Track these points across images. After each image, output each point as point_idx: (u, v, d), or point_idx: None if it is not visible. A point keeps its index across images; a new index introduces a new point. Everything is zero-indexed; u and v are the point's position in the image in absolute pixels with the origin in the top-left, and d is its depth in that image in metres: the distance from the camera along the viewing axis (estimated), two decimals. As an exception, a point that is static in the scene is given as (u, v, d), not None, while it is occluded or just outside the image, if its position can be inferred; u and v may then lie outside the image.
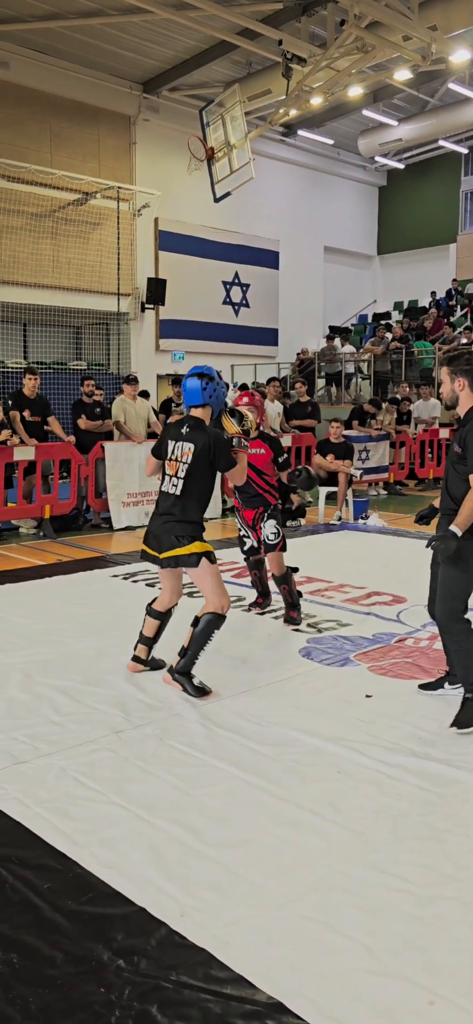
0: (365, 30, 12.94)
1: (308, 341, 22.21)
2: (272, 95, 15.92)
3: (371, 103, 19.19)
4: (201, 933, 2.62)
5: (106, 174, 17.62)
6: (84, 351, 18.43)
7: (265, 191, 20.65)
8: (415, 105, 20.23)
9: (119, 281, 18.02)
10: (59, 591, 7.30)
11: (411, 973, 2.44)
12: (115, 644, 5.72)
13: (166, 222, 19.07)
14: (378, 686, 4.90)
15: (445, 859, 3.05)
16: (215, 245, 20.23)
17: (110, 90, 17.58)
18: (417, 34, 13.05)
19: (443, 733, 4.19)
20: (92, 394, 11.49)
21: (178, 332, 19.57)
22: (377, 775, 3.73)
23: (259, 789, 3.60)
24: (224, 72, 17.21)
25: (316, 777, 3.72)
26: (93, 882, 2.91)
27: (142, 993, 2.36)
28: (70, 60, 16.54)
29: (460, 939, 2.60)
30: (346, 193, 24.10)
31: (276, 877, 2.94)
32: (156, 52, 16.63)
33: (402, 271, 24.83)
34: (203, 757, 3.92)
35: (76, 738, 4.12)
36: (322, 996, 2.35)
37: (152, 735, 4.17)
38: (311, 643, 5.75)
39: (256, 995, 2.36)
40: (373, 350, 19.43)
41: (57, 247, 16.96)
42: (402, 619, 6.38)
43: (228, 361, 20.62)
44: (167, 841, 3.18)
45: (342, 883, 2.90)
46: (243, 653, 5.56)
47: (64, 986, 2.40)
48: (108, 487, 10.77)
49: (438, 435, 15.53)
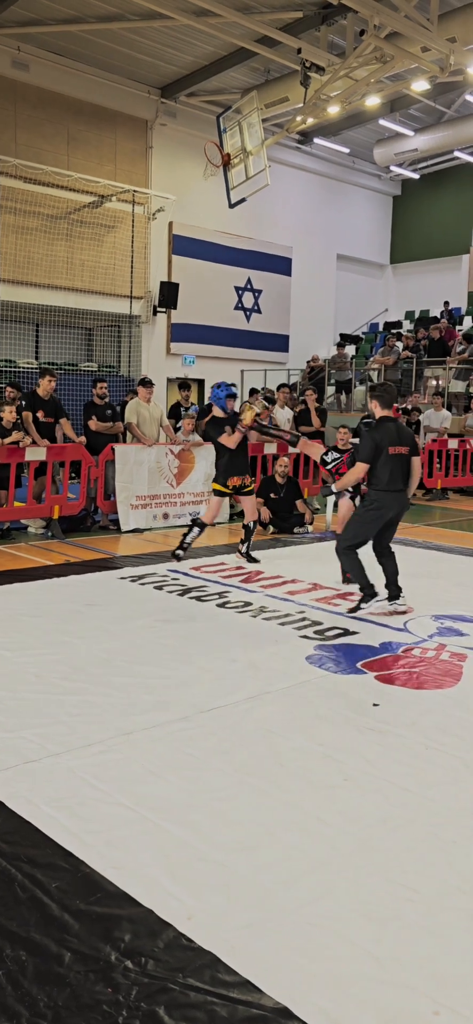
0: (384, 40, 12.97)
1: (319, 348, 22.25)
2: (289, 103, 15.99)
3: (388, 113, 19.23)
4: (208, 936, 2.64)
5: (122, 177, 17.71)
6: (95, 353, 18.51)
7: (280, 198, 20.71)
8: (431, 116, 20.26)
9: (132, 284, 18.10)
10: (68, 591, 7.33)
11: (417, 983, 2.45)
12: (123, 646, 5.74)
13: (180, 226, 19.15)
14: (385, 695, 4.91)
15: (452, 870, 3.06)
16: (228, 250, 20.30)
17: (128, 94, 17.68)
18: (436, 45, 13.08)
19: (451, 743, 4.20)
20: (104, 396, 11.53)
21: (189, 336, 19.63)
22: (384, 783, 3.74)
23: (266, 795, 3.62)
24: (242, 79, 17.28)
25: (323, 784, 3.73)
26: (101, 882, 2.93)
27: (149, 994, 2.38)
28: (89, 63, 16.65)
29: (466, 950, 2.61)
30: (360, 202, 24.15)
31: (283, 883, 2.95)
32: (175, 57, 16.72)
33: (414, 281, 24.84)
34: (211, 761, 3.94)
35: (85, 739, 4.15)
36: (328, 1002, 2.36)
37: (161, 737, 4.19)
38: (318, 651, 5.76)
39: (262, 999, 2.37)
40: (384, 361, 19.44)
41: (71, 249, 17.05)
42: (409, 628, 6.39)
43: (238, 366, 20.67)
44: (175, 843, 3.20)
45: (349, 890, 2.92)
46: (251, 659, 5.57)
47: (72, 985, 2.42)
48: (117, 489, 10.80)
49: (447, 445, 15.52)
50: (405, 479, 6.61)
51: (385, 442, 6.47)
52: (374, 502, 6.60)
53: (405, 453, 6.54)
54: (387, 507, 6.56)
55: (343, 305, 24.08)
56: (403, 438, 6.60)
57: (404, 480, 6.61)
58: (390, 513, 6.59)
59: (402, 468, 6.55)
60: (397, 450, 6.49)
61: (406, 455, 6.56)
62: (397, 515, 6.69)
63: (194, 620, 6.52)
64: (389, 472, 6.48)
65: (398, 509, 6.64)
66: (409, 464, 6.61)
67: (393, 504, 6.57)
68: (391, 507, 6.57)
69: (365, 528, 6.69)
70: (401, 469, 6.54)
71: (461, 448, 15.79)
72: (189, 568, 8.36)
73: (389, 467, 6.48)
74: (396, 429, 6.62)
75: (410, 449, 6.60)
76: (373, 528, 6.67)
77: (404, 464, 6.56)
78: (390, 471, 6.48)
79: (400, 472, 6.54)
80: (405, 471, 6.58)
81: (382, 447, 6.46)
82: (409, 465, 6.61)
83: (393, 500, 6.56)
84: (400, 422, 6.88)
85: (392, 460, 6.48)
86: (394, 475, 6.50)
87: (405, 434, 6.71)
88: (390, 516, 6.62)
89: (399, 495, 6.59)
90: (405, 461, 6.56)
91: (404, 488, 6.63)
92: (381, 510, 6.57)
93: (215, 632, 6.19)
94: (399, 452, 6.50)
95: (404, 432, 6.74)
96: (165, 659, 5.48)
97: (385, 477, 6.49)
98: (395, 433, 6.55)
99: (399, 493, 6.58)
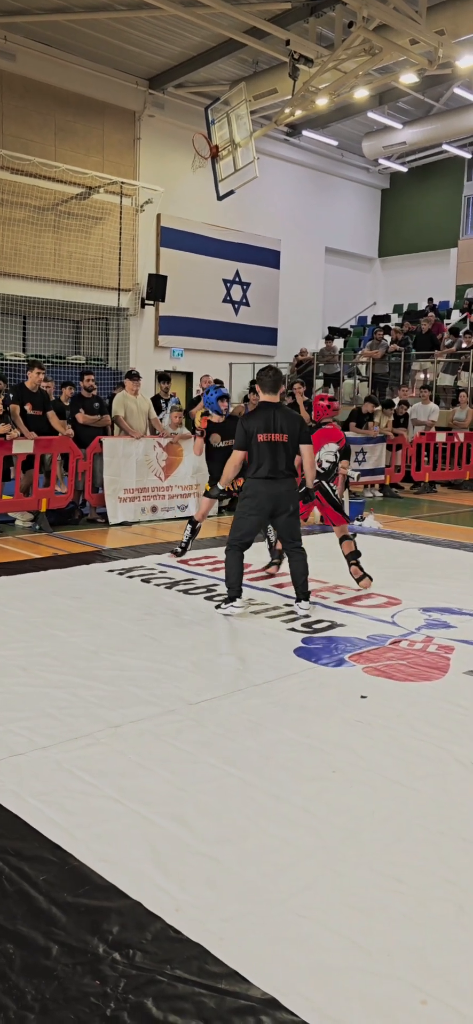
0: (373, 32, 12.95)
1: (307, 341, 22.24)
2: (278, 95, 15.94)
3: (376, 105, 19.22)
4: (196, 928, 2.64)
5: (110, 169, 17.63)
6: (83, 345, 18.44)
7: (268, 190, 20.67)
8: (420, 109, 20.26)
9: (120, 276, 18.03)
10: (56, 585, 7.31)
11: (404, 973, 2.46)
12: (111, 639, 5.73)
13: (168, 218, 19.09)
14: (373, 687, 4.93)
15: (439, 861, 3.07)
16: (217, 243, 20.25)
17: (116, 85, 17.59)
18: (424, 38, 13.07)
19: (438, 736, 4.21)
20: (91, 389, 11.50)
21: (177, 329, 19.58)
22: (372, 775, 3.75)
23: (254, 787, 3.62)
24: (230, 70, 17.23)
25: (311, 776, 3.74)
26: (89, 875, 2.93)
27: (137, 986, 2.38)
28: (76, 54, 16.55)
29: (453, 940, 2.62)
30: (349, 194, 24.14)
31: (271, 874, 2.96)
32: (163, 48, 16.64)
33: (403, 274, 24.86)
34: (198, 754, 3.94)
35: (72, 732, 4.14)
36: (315, 993, 2.37)
37: (148, 731, 4.18)
38: (306, 643, 5.77)
39: (250, 990, 2.38)
40: (372, 354, 19.46)
41: (59, 240, 16.97)
42: (397, 621, 6.41)
43: (227, 359, 20.65)
44: (162, 836, 3.20)
45: (336, 882, 2.93)
46: (238, 652, 5.57)
47: (60, 977, 2.42)
48: (105, 482, 10.78)
49: (435, 438, 15.56)
50: (287, 467, 6.32)
51: (254, 429, 6.24)
52: (247, 491, 6.41)
53: (281, 440, 6.25)
54: (259, 496, 6.29)
55: (331, 298, 24.08)
56: (279, 425, 6.26)
57: (287, 468, 6.31)
58: (267, 503, 6.31)
59: (278, 456, 6.25)
60: (270, 437, 6.22)
61: (284, 443, 6.26)
62: (278, 505, 6.33)
63: (182, 613, 6.52)
64: (260, 460, 6.25)
65: (275, 499, 6.29)
66: (293, 451, 6.34)
67: (265, 493, 6.28)
68: (264, 496, 6.29)
69: (243, 521, 6.43)
70: (276, 457, 6.24)
71: (449, 441, 15.84)
72: (176, 561, 8.35)
73: (260, 455, 6.25)
74: (273, 416, 6.28)
75: (290, 436, 6.28)
76: (251, 520, 6.40)
77: (282, 451, 6.26)
78: (260, 459, 6.25)
79: (273, 460, 6.23)
80: (287, 459, 6.30)
81: (251, 434, 6.25)
82: (293, 452, 6.35)
83: (265, 489, 6.27)
84: (286, 408, 6.46)
85: (263, 447, 6.22)
86: (265, 463, 6.23)
87: (285, 421, 6.31)
88: (269, 507, 6.33)
89: (273, 483, 6.26)
90: (283, 448, 6.27)
91: (285, 476, 6.31)
92: (255, 499, 6.32)
93: (203, 625, 6.18)
94: (272, 439, 6.23)
95: (285, 419, 6.32)
96: (153, 652, 5.47)
97: (255, 465, 6.28)
98: (270, 420, 6.25)
99: (272, 481, 6.25)
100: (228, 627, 6.15)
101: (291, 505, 6.39)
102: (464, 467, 16.14)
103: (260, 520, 6.50)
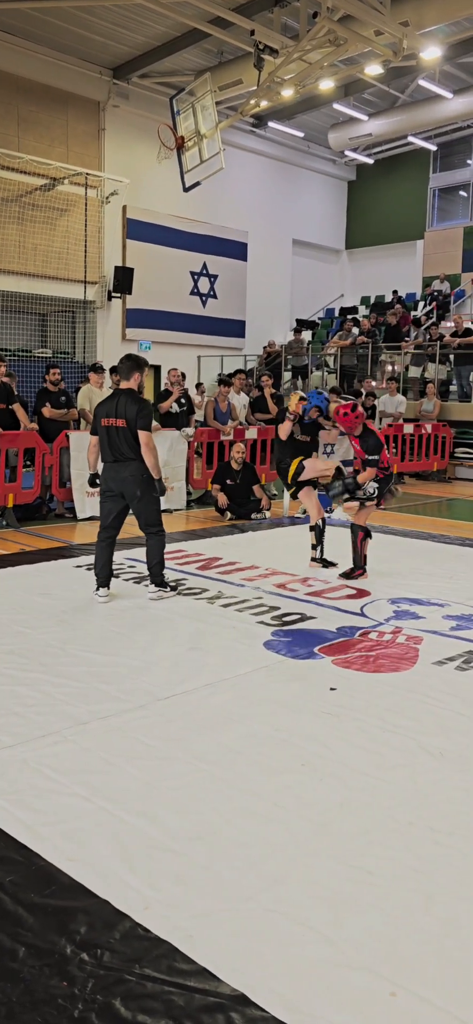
0: (337, 23, 12.94)
1: (275, 334, 22.24)
2: (243, 85, 15.86)
3: (342, 97, 19.22)
4: (165, 926, 2.62)
5: (74, 160, 17.44)
6: (49, 339, 18.25)
7: (234, 182, 20.61)
8: (385, 100, 20.32)
9: (86, 269, 17.86)
10: (22, 581, 7.23)
11: (374, 964, 2.46)
12: (79, 635, 5.68)
13: (134, 210, 18.95)
14: (342, 679, 4.93)
15: (408, 852, 3.08)
16: (183, 235, 20.15)
17: (79, 74, 17.39)
18: (389, 29, 13.09)
19: (407, 726, 4.22)
20: (57, 382, 11.38)
21: (145, 321, 19.46)
22: (341, 768, 3.75)
23: (223, 782, 3.60)
24: (195, 60, 17.11)
25: (280, 770, 3.73)
26: (56, 875, 2.89)
27: (105, 986, 2.35)
28: (39, 43, 16.33)
29: (422, 931, 2.62)
30: (315, 186, 24.16)
31: (240, 870, 2.94)
32: (126, 37, 16.48)
33: (369, 266, 24.95)
34: (167, 749, 3.91)
35: (39, 729, 4.09)
36: (286, 988, 2.36)
37: (116, 727, 4.14)
38: (275, 636, 5.77)
39: (220, 987, 2.36)
40: (340, 343, 19.50)
41: (23, 233, 16.75)
42: (366, 612, 6.43)
43: (195, 352, 20.58)
44: (131, 833, 3.17)
45: (306, 875, 2.92)
46: (207, 646, 5.55)
47: (26, 980, 2.38)
48: (72, 476, 10.67)
49: (403, 430, 15.65)
50: (131, 451, 6.44)
51: (100, 414, 6.57)
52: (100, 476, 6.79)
53: (121, 425, 6.42)
54: (104, 479, 6.65)
55: (299, 290, 24.10)
56: (120, 411, 6.44)
57: (131, 452, 6.44)
58: (111, 485, 6.58)
59: (117, 440, 6.44)
60: (110, 422, 6.45)
61: (124, 427, 6.42)
62: (119, 488, 6.55)
63: (150, 607, 6.48)
64: (103, 444, 6.56)
65: (117, 481, 6.53)
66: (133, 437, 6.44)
67: (108, 476, 6.59)
68: (107, 479, 6.61)
69: (100, 506, 6.79)
70: (116, 441, 6.44)
71: (416, 433, 15.95)
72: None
73: (103, 439, 6.54)
74: (117, 402, 6.50)
75: (127, 422, 6.40)
76: (103, 503, 6.72)
77: (123, 436, 6.42)
78: (103, 443, 6.55)
79: (113, 444, 6.46)
80: (127, 443, 6.43)
81: (98, 418, 6.59)
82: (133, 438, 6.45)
83: (107, 472, 6.59)
84: (134, 395, 6.53)
85: (105, 432, 6.49)
86: (106, 447, 6.52)
87: (126, 407, 6.44)
88: (114, 489, 6.58)
89: (113, 466, 6.52)
90: (124, 433, 6.43)
91: (127, 460, 6.46)
92: (102, 483, 6.69)
93: (172, 619, 6.15)
94: (112, 424, 6.45)
95: (127, 405, 6.45)
96: (121, 647, 5.43)
97: (102, 449, 6.61)
98: (114, 406, 6.48)
99: (113, 464, 6.52)
100: (197, 622, 6.12)
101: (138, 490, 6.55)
102: (432, 458, 16.26)
103: (109, 502, 6.67)
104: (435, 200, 23.87)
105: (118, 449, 6.47)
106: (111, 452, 6.51)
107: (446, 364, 18.43)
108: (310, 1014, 2.27)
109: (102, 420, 6.50)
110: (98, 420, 6.57)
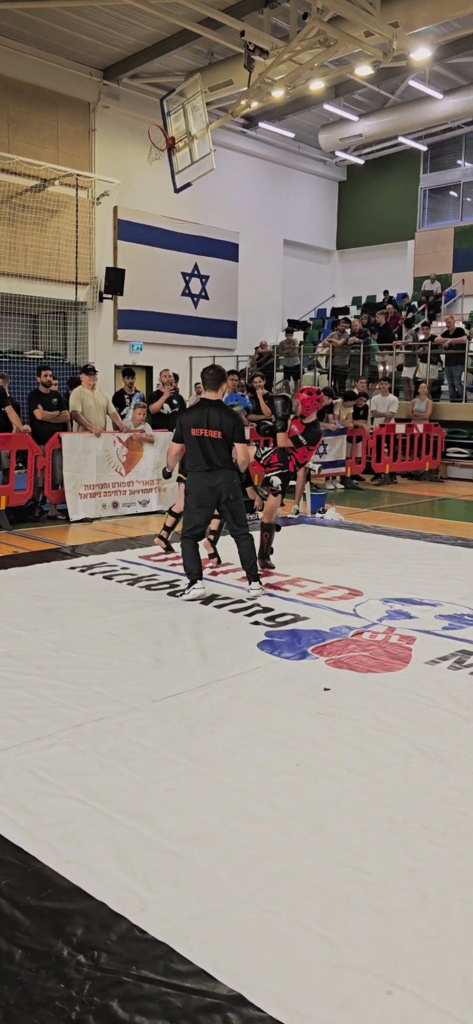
0: (328, 24, 12.97)
1: (267, 334, 22.26)
2: (234, 86, 15.88)
3: (332, 98, 19.25)
4: (161, 927, 2.62)
5: (65, 161, 17.42)
6: (41, 340, 18.22)
7: (225, 183, 20.61)
8: (376, 101, 20.36)
9: (77, 270, 17.84)
10: (15, 583, 7.22)
11: (370, 964, 2.47)
12: (73, 637, 5.68)
13: (125, 211, 18.93)
14: (336, 679, 4.95)
15: (403, 851, 3.09)
16: (175, 236, 20.14)
17: (70, 75, 17.37)
18: (379, 30, 13.13)
19: (401, 726, 4.24)
20: (49, 384, 11.37)
21: (136, 323, 19.45)
22: (336, 768, 3.77)
23: (218, 783, 3.61)
24: (186, 61, 17.11)
25: (275, 770, 3.74)
26: (52, 877, 2.89)
27: (102, 988, 2.36)
28: (29, 43, 16.30)
29: (418, 930, 2.64)
30: (306, 187, 24.19)
31: (236, 870, 2.95)
32: (117, 38, 16.47)
33: (361, 266, 24.99)
34: (162, 751, 3.92)
35: (34, 732, 4.09)
36: (282, 988, 2.37)
37: (112, 729, 4.15)
38: (269, 637, 5.78)
39: (217, 988, 2.37)
40: (335, 342, 19.53)
41: (14, 234, 16.72)
42: (359, 612, 6.45)
43: (186, 353, 20.57)
44: (127, 835, 3.17)
45: (302, 876, 2.93)
46: (201, 647, 5.56)
47: (23, 982, 2.38)
48: (65, 478, 10.67)
49: (394, 430, 15.69)
50: (222, 460, 6.61)
51: (188, 423, 6.65)
52: (187, 485, 6.90)
53: (215, 436, 6.55)
54: (194, 487, 6.72)
55: (290, 291, 24.12)
56: (213, 422, 6.55)
57: (221, 462, 6.60)
58: (205, 497, 6.67)
59: (208, 450, 6.57)
60: (202, 432, 6.55)
61: (215, 439, 6.55)
62: (211, 495, 6.67)
63: (144, 609, 6.48)
64: (192, 453, 6.67)
65: (208, 490, 6.64)
66: (222, 447, 6.60)
67: (198, 485, 6.67)
68: (198, 488, 6.68)
69: (189, 515, 6.81)
70: (207, 451, 6.57)
71: (408, 433, 15.99)
72: (138, 557, 8.31)
73: (192, 448, 6.66)
74: (207, 412, 6.58)
75: (223, 434, 6.56)
76: (193, 513, 6.75)
77: (213, 447, 6.56)
78: (193, 452, 6.66)
79: (204, 454, 6.58)
80: (217, 453, 6.58)
81: (185, 427, 6.67)
82: (223, 448, 6.60)
83: (197, 480, 6.68)
84: (225, 407, 6.73)
85: (194, 441, 6.60)
86: (197, 456, 6.62)
87: (219, 419, 6.58)
88: (208, 498, 6.68)
89: (204, 476, 6.62)
90: (212, 443, 6.56)
91: (218, 469, 6.60)
92: (191, 491, 6.76)
93: (166, 621, 6.15)
94: (205, 435, 6.56)
95: (219, 417, 6.59)
96: (115, 649, 5.44)
97: (190, 458, 6.72)
98: (204, 416, 6.57)
99: (204, 474, 6.62)
100: (191, 622, 6.13)
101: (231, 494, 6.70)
102: (424, 458, 16.31)
103: (201, 510, 6.77)
104: (426, 200, 23.93)
105: (211, 459, 6.60)
106: (205, 461, 6.61)
107: (437, 364, 18.49)
108: (307, 1014, 2.28)
109: (192, 430, 6.60)
110: (185, 429, 6.65)
